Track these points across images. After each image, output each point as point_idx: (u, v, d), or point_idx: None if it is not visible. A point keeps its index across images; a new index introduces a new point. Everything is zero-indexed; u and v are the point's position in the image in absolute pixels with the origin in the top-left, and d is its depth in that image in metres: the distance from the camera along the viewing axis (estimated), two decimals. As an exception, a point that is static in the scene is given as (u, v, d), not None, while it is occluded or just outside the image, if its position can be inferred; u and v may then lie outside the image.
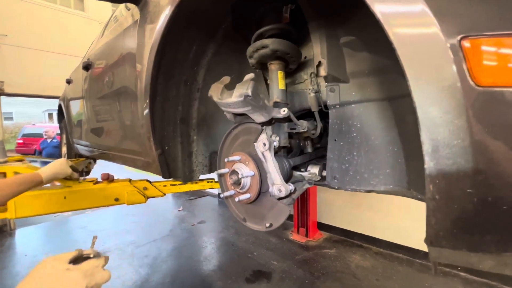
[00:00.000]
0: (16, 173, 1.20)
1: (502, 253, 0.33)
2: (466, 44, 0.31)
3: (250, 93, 0.61)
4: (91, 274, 0.52)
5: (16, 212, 1.15)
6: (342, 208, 3.47)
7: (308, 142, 1.13)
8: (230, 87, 0.70)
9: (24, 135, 11.40)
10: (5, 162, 1.33)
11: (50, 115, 20.47)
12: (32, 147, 10.82)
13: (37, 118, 19.17)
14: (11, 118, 17.33)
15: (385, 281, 2.49)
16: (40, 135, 11.52)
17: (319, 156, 1.14)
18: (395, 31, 0.35)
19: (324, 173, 1.01)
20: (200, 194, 5.79)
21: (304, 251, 3.15)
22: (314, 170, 1.03)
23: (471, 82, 0.31)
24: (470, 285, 2.39)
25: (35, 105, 18.40)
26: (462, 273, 2.54)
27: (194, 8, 0.83)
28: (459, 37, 0.31)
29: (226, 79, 0.71)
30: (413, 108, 0.69)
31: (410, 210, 2.79)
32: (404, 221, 2.87)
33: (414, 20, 0.34)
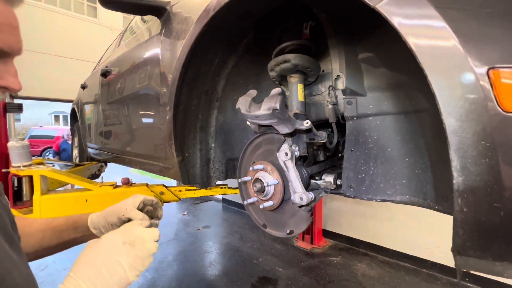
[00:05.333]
0: (42, 176, 1.25)
1: (526, 263, 0.36)
2: (493, 74, 0.35)
3: (278, 107, 0.65)
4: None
5: (41, 214, 1.19)
6: (347, 216, 3.47)
7: (321, 151, 1.17)
8: (257, 100, 0.74)
9: (31, 137, 11.60)
10: (30, 165, 1.38)
11: (57, 117, 20.81)
12: (39, 148, 10.99)
13: (44, 120, 19.47)
14: (19, 120, 17.62)
15: (392, 290, 2.49)
16: (47, 137, 11.70)
17: (332, 165, 1.18)
18: (428, 64, 0.39)
19: (338, 182, 1.05)
20: (204, 198, 5.80)
21: (310, 258, 3.14)
22: (329, 178, 1.06)
23: (498, 108, 0.35)
24: (478, 297, 2.38)
25: (42, 108, 18.73)
26: (470, 284, 2.52)
27: (220, 25, 0.88)
28: (486, 68, 0.35)
29: (253, 93, 0.75)
30: (430, 123, 0.73)
31: (417, 219, 2.78)
32: (411, 230, 2.86)
33: (447, 53, 0.39)
